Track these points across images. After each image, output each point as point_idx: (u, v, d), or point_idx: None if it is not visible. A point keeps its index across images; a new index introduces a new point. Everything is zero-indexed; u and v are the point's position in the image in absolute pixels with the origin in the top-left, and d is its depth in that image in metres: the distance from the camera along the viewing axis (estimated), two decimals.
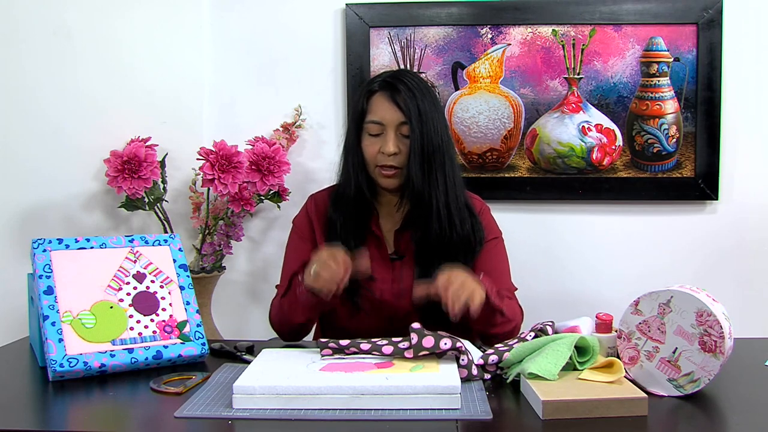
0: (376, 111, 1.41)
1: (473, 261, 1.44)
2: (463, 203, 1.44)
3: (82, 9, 1.84)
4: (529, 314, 1.46)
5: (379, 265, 1.46)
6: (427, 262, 1.42)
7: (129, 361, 1.25)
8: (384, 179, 1.42)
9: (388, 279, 1.46)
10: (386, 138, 1.39)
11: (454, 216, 1.41)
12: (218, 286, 1.91)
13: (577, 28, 1.91)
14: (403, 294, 1.43)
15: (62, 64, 1.83)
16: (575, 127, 1.92)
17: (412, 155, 1.38)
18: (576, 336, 1.16)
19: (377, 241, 1.47)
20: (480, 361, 1.18)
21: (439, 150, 1.39)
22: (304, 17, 1.96)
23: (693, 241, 1.95)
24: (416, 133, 1.37)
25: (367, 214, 1.47)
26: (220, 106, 1.98)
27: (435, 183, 1.39)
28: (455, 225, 1.41)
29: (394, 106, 1.39)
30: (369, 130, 1.42)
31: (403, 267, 1.46)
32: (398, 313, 1.44)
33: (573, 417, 1.01)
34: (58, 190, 1.84)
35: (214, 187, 1.72)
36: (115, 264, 1.35)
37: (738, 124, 1.91)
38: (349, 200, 1.45)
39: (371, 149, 1.41)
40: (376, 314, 1.44)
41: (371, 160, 1.42)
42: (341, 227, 1.45)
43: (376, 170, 1.42)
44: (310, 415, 1.02)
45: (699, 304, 1.10)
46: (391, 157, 1.39)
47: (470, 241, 1.43)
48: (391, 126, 1.39)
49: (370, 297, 1.44)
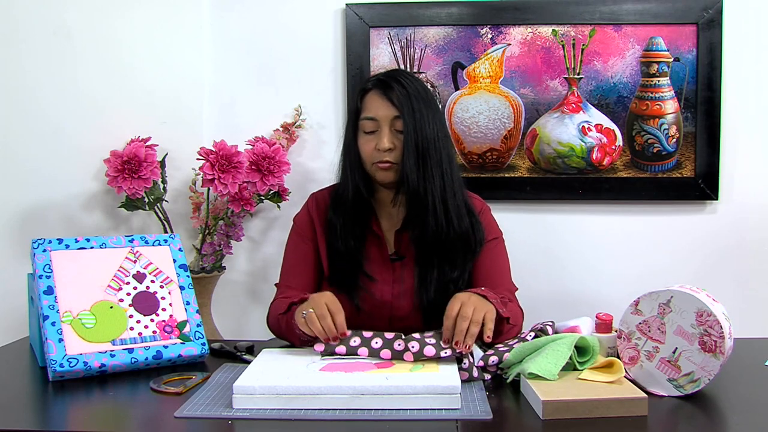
0: (370, 108, 1.41)
1: (473, 261, 1.43)
2: (461, 201, 1.44)
3: (82, 9, 1.84)
4: (529, 314, 1.46)
5: (379, 266, 1.46)
6: (427, 262, 1.42)
7: (129, 361, 1.25)
8: (380, 173, 1.41)
9: (389, 280, 1.45)
10: (381, 134, 1.39)
11: (451, 212, 1.40)
12: (218, 286, 1.91)
13: (577, 28, 1.91)
14: (404, 295, 1.43)
15: (62, 64, 1.83)
16: (575, 127, 1.92)
17: (406, 150, 1.37)
18: (576, 336, 1.16)
19: (378, 241, 1.47)
20: (480, 363, 1.18)
21: (434, 145, 1.39)
22: (304, 17, 1.96)
23: (693, 241, 1.95)
24: (410, 127, 1.37)
25: (366, 213, 1.47)
26: (220, 106, 1.98)
27: (431, 178, 1.38)
28: (452, 222, 1.40)
29: (388, 102, 1.39)
30: (364, 127, 1.42)
31: (403, 268, 1.46)
32: (398, 313, 1.44)
33: (573, 417, 1.01)
34: (58, 190, 1.84)
35: (214, 187, 1.72)
36: (115, 264, 1.35)
37: (738, 124, 1.91)
38: (347, 200, 1.45)
39: (367, 147, 1.41)
40: (376, 315, 1.44)
41: (368, 158, 1.42)
42: (341, 228, 1.45)
43: (372, 167, 1.42)
44: (310, 415, 1.02)
45: (699, 304, 1.10)
46: (387, 153, 1.39)
47: (469, 240, 1.43)
48: (385, 121, 1.39)
49: (371, 298, 1.44)
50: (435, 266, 1.41)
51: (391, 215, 1.49)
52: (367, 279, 1.44)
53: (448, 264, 1.41)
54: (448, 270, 1.41)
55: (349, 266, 1.44)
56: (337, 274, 1.45)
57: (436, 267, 1.41)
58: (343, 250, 1.44)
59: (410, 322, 1.42)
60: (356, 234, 1.45)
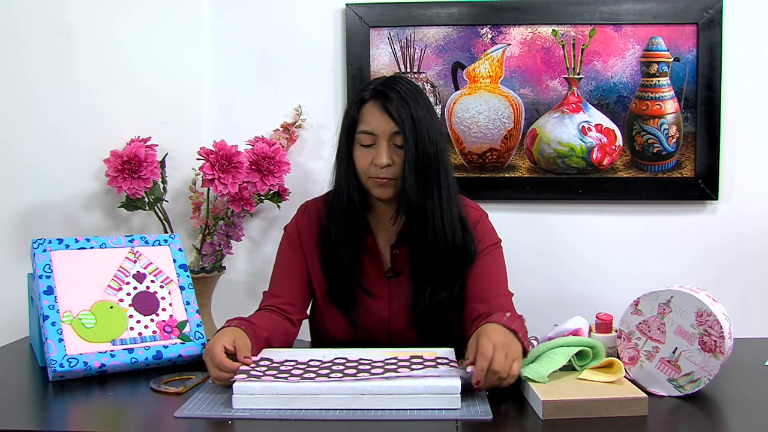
0: (368, 121, 1.35)
1: (465, 275, 1.40)
2: (456, 216, 1.39)
3: (82, 9, 1.84)
4: (530, 314, 1.45)
5: (376, 282, 1.43)
6: (422, 277, 1.39)
7: (129, 361, 1.25)
8: (377, 189, 1.37)
9: (386, 296, 1.43)
10: (379, 149, 1.33)
11: (446, 227, 1.37)
12: (218, 286, 1.91)
13: (577, 28, 1.91)
14: (400, 311, 1.42)
15: (62, 64, 1.83)
16: (575, 127, 1.92)
17: (406, 167, 1.32)
18: (575, 349, 1.15)
19: (374, 257, 1.44)
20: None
21: (434, 160, 1.34)
22: (304, 17, 1.96)
23: (693, 241, 1.95)
24: (410, 143, 1.31)
25: (361, 227, 1.44)
26: (220, 106, 1.98)
27: (430, 195, 1.35)
28: (447, 237, 1.37)
29: (386, 116, 1.32)
30: (361, 140, 1.36)
31: (399, 284, 1.43)
32: (396, 330, 1.43)
33: (573, 417, 1.01)
34: (58, 190, 1.83)
35: (214, 187, 1.72)
36: (115, 264, 1.35)
37: (738, 124, 1.91)
38: (342, 213, 1.41)
39: (363, 160, 1.36)
40: (374, 330, 1.43)
41: (363, 172, 1.36)
42: (335, 240, 1.41)
43: (369, 181, 1.37)
44: (310, 415, 1.02)
45: (699, 304, 1.10)
46: (384, 169, 1.33)
47: (461, 255, 1.39)
48: (384, 136, 1.33)
49: (369, 315, 1.42)
50: (429, 281, 1.39)
51: (386, 229, 1.45)
52: (365, 295, 1.42)
53: (440, 279, 1.39)
54: (440, 285, 1.38)
55: (346, 281, 1.42)
56: (334, 290, 1.43)
57: (430, 282, 1.39)
58: (338, 264, 1.41)
59: (406, 337, 1.42)
60: (351, 247, 1.42)
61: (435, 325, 1.40)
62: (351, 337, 1.43)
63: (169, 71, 1.92)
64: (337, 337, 1.45)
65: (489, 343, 1.07)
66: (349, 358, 1.20)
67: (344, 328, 1.43)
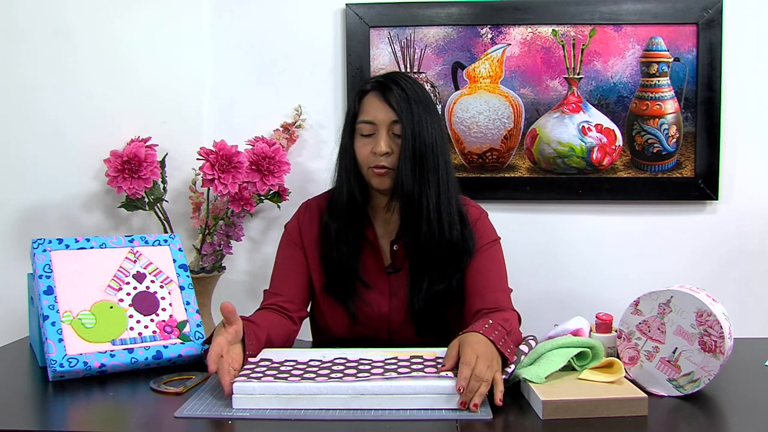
0: (368, 110, 1.37)
1: (463, 269, 1.40)
2: (455, 209, 1.40)
3: (82, 8, 1.84)
4: (530, 314, 1.46)
5: (376, 278, 1.44)
6: (419, 272, 1.40)
7: (129, 361, 1.25)
8: (375, 178, 1.38)
9: (386, 292, 1.44)
10: (378, 138, 1.35)
11: (444, 221, 1.37)
12: (218, 286, 1.91)
13: (577, 28, 1.91)
14: (400, 307, 1.42)
15: (62, 64, 1.83)
16: (575, 127, 1.92)
17: (403, 155, 1.34)
18: (574, 351, 1.15)
19: (374, 251, 1.45)
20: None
21: (432, 151, 1.35)
22: (304, 17, 1.96)
23: (693, 241, 1.95)
24: (407, 132, 1.33)
25: (361, 220, 1.44)
26: (220, 106, 1.98)
27: (426, 184, 1.35)
28: (444, 230, 1.37)
29: (386, 105, 1.35)
30: (361, 130, 1.38)
31: (398, 280, 1.44)
32: (395, 325, 1.43)
33: (573, 417, 1.01)
34: (58, 190, 1.84)
35: (214, 187, 1.72)
36: (115, 264, 1.35)
37: (738, 124, 1.91)
38: (342, 206, 1.42)
39: (364, 150, 1.37)
40: (373, 326, 1.43)
41: (364, 162, 1.38)
42: (335, 233, 1.42)
43: (368, 171, 1.38)
44: (310, 415, 1.02)
45: (699, 304, 1.10)
46: (383, 157, 1.35)
47: (459, 250, 1.39)
48: (383, 125, 1.36)
49: (369, 310, 1.42)
50: (426, 276, 1.39)
51: (386, 223, 1.46)
52: (364, 288, 1.42)
53: (437, 273, 1.39)
54: (437, 279, 1.39)
55: (345, 274, 1.42)
56: (333, 283, 1.43)
57: (427, 276, 1.39)
58: (338, 257, 1.42)
59: (407, 333, 1.43)
60: (351, 241, 1.42)
61: (433, 319, 1.40)
62: (350, 333, 1.44)
63: (169, 71, 1.92)
64: (336, 334, 1.45)
65: (473, 352, 1.09)
66: (349, 358, 1.20)
67: (344, 324, 1.44)
